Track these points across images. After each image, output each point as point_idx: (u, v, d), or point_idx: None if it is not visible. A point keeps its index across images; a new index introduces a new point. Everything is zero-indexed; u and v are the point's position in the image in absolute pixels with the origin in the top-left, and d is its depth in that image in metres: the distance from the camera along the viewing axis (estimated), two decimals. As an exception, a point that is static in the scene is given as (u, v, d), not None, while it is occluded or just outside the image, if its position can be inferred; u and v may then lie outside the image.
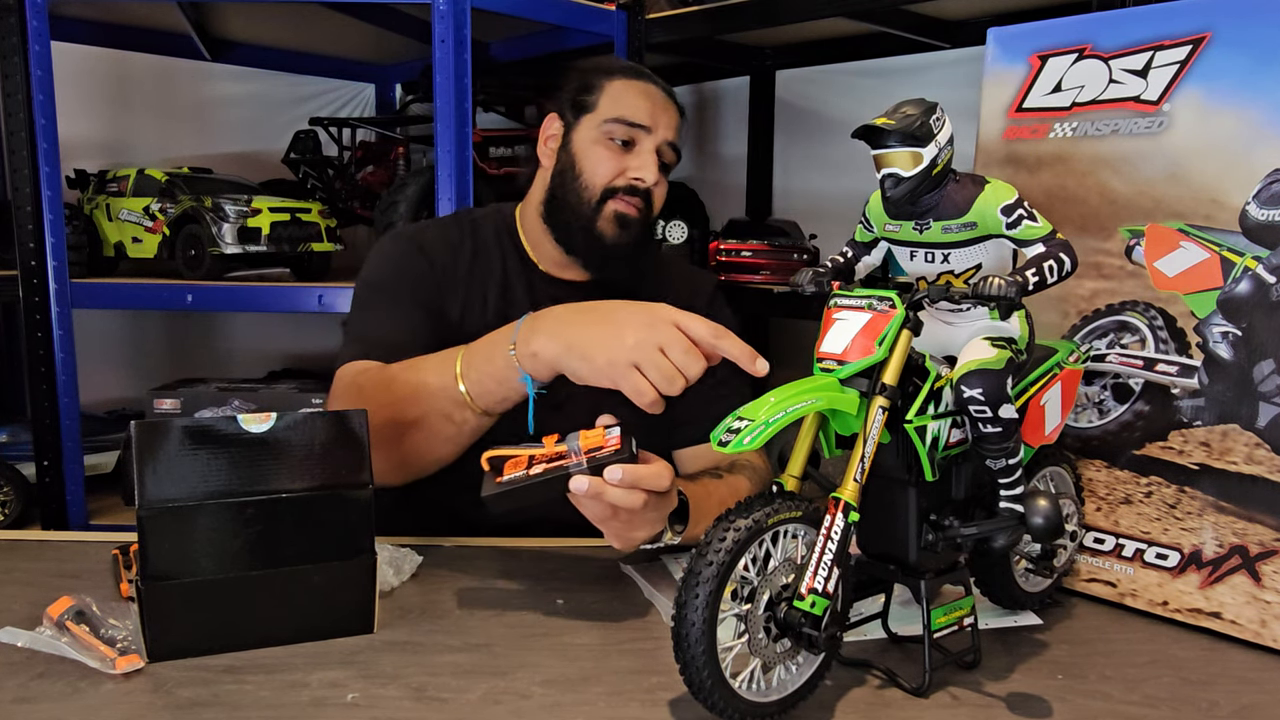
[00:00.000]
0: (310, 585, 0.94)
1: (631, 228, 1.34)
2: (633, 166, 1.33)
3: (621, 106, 1.34)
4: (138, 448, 0.88)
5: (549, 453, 0.95)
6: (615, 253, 1.35)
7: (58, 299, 1.91)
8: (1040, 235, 0.83)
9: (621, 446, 0.93)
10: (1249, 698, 0.87)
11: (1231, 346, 1.00)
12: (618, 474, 0.91)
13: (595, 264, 1.37)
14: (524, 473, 0.94)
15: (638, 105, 1.34)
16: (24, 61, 1.85)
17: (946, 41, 2.11)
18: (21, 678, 0.86)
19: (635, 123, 1.33)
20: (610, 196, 1.33)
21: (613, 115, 1.33)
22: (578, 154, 1.35)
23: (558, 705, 0.83)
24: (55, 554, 1.17)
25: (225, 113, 2.74)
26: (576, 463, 0.93)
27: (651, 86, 1.37)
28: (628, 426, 0.97)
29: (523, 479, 0.93)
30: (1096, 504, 1.09)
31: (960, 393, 0.84)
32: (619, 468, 0.91)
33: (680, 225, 2.19)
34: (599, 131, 1.34)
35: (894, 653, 0.94)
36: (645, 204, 1.35)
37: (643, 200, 1.34)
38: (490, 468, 0.97)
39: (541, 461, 0.95)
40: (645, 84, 1.37)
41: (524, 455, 0.97)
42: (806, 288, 0.89)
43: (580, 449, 0.94)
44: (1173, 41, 1.04)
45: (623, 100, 1.34)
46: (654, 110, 1.34)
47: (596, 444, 0.94)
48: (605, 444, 0.94)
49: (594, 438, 0.95)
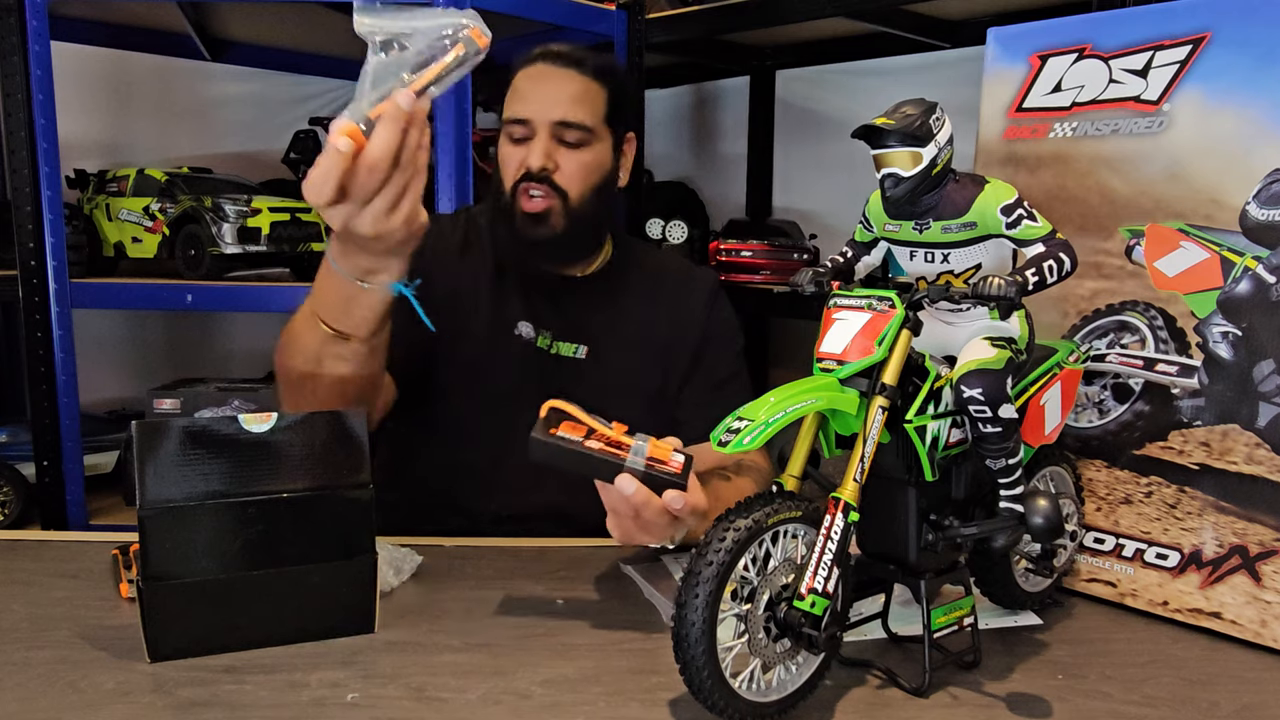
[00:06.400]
0: (310, 585, 0.94)
1: (545, 219, 1.33)
2: (527, 155, 1.32)
3: (513, 103, 1.34)
4: (138, 448, 0.88)
5: (610, 436, 0.95)
6: (538, 247, 1.34)
7: (57, 299, 1.90)
8: (1040, 235, 0.83)
9: (681, 473, 0.94)
10: (1249, 698, 0.87)
11: (1231, 346, 1.00)
12: (679, 503, 0.92)
13: (520, 260, 1.38)
14: (581, 439, 0.93)
15: (527, 95, 1.33)
16: (24, 61, 1.85)
17: (946, 41, 2.11)
18: (21, 677, 0.86)
19: (521, 118, 1.33)
20: (517, 193, 1.33)
21: (508, 115, 1.34)
22: (498, 159, 1.37)
23: (558, 705, 0.83)
24: (55, 554, 1.17)
25: (225, 113, 2.74)
26: (634, 461, 0.93)
27: (543, 65, 1.34)
28: (690, 459, 0.97)
29: (578, 445, 0.92)
30: (1096, 504, 1.09)
31: (960, 393, 0.84)
32: (680, 497, 0.92)
33: (680, 225, 2.19)
34: (505, 133, 1.35)
35: (894, 653, 0.94)
36: (554, 190, 1.32)
37: (549, 187, 1.32)
38: (547, 416, 0.95)
39: (600, 440, 0.94)
40: (537, 65, 1.35)
41: (584, 425, 0.95)
42: (806, 288, 0.89)
43: (645, 453, 0.94)
44: (1173, 41, 1.04)
45: (516, 95, 1.34)
46: (541, 92, 1.32)
47: (661, 457, 0.95)
48: (669, 463, 0.94)
49: (662, 450, 0.95)
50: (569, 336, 1.40)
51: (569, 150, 1.33)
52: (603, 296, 1.43)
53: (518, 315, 1.40)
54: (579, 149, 1.34)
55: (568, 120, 1.32)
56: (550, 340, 1.40)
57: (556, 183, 1.33)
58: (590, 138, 1.34)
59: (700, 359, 1.43)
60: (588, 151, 1.35)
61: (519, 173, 1.33)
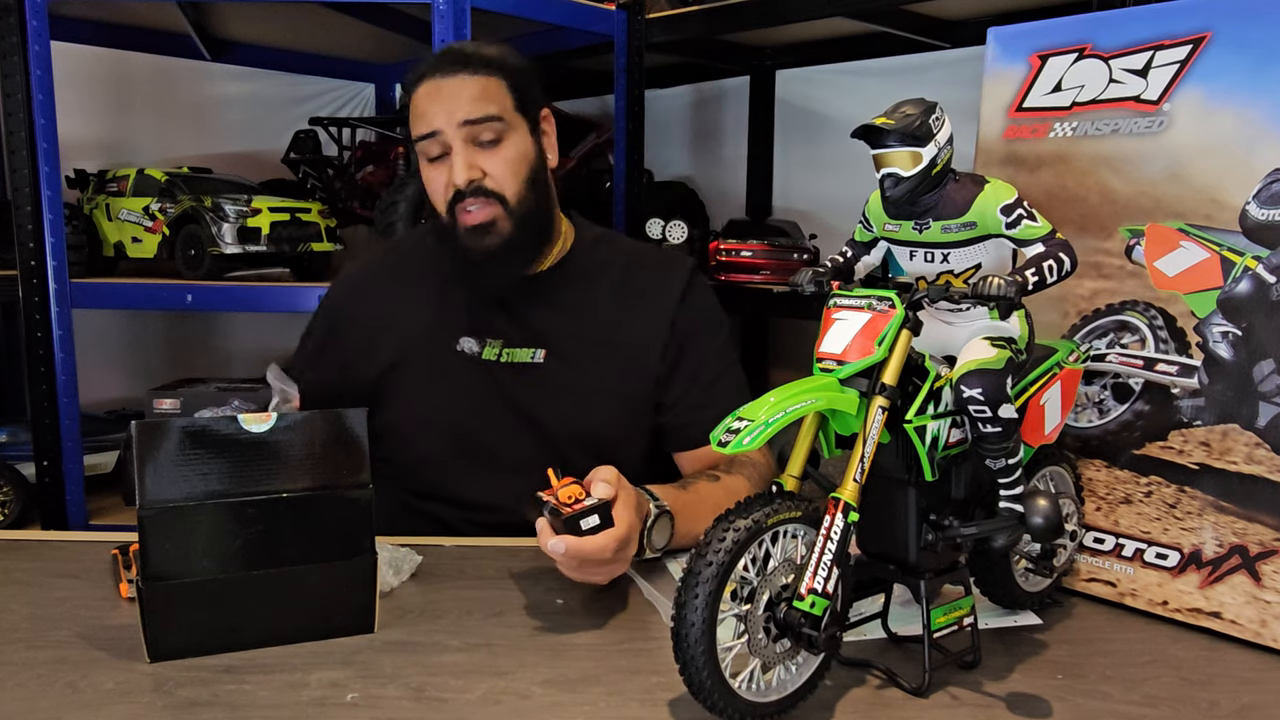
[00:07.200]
0: (310, 585, 0.94)
1: (490, 230, 1.27)
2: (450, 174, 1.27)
3: (417, 122, 1.28)
4: (138, 448, 0.88)
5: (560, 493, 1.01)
6: (492, 257, 1.29)
7: (57, 299, 1.90)
8: (1040, 235, 0.83)
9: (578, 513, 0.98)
10: (1249, 697, 0.87)
11: (1231, 346, 1.00)
12: (560, 547, 0.97)
13: (478, 276, 1.32)
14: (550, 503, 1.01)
15: (425, 112, 1.27)
16: (24, 61, 1.85)
17: (946, 41, 2.11)
18: (21, 677, 0.86)
19: (423, 135, 1.27)
20: (454, 212, 1.28)
21: (416, 135, 1.29)
22: (424, 183, 1.32)
23: (558, 705, 0.83)
24: (55, 554, 1.17)
25: (225, 113, 2.74)
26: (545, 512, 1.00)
27: (435, 79, 1.28)
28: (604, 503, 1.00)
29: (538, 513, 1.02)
30: (1096, 504, 1.09)
31: (960, 392, 0.84)
32: (561, 541, 0.97)
33: (680, 225, 2.19)
34: (421, 155, 1.30)
35: (894, 653, 0.94)
36: (490, 196, 1.27)
37: (485, 196, 1.27)
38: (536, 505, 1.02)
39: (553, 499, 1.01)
40: (429, 82, 1.28)
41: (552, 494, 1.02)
42: (806, 288, 0.89)
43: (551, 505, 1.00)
44: (1173, 41, 1.04)
45: (416, 115, 1.29)
46: (440, 104, 1.26)
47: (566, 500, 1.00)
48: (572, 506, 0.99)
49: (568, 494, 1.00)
50: (523, 341, 1.34)
51: (488, 151, 1.27)
52: (561, 293, 1.36)
53: (460, 331, 1.35)
54: (498, 145, 1.27)
55: (474, 117, 1.25)
56: (499, 349, 1.34)
57: (489, 189, 1.27)
58: (504, 129, 1.27)
59: (681, 357, 1.35)
60: (508, 145, 1.28)
61: (449, 192, 1.28)
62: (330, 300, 1.47)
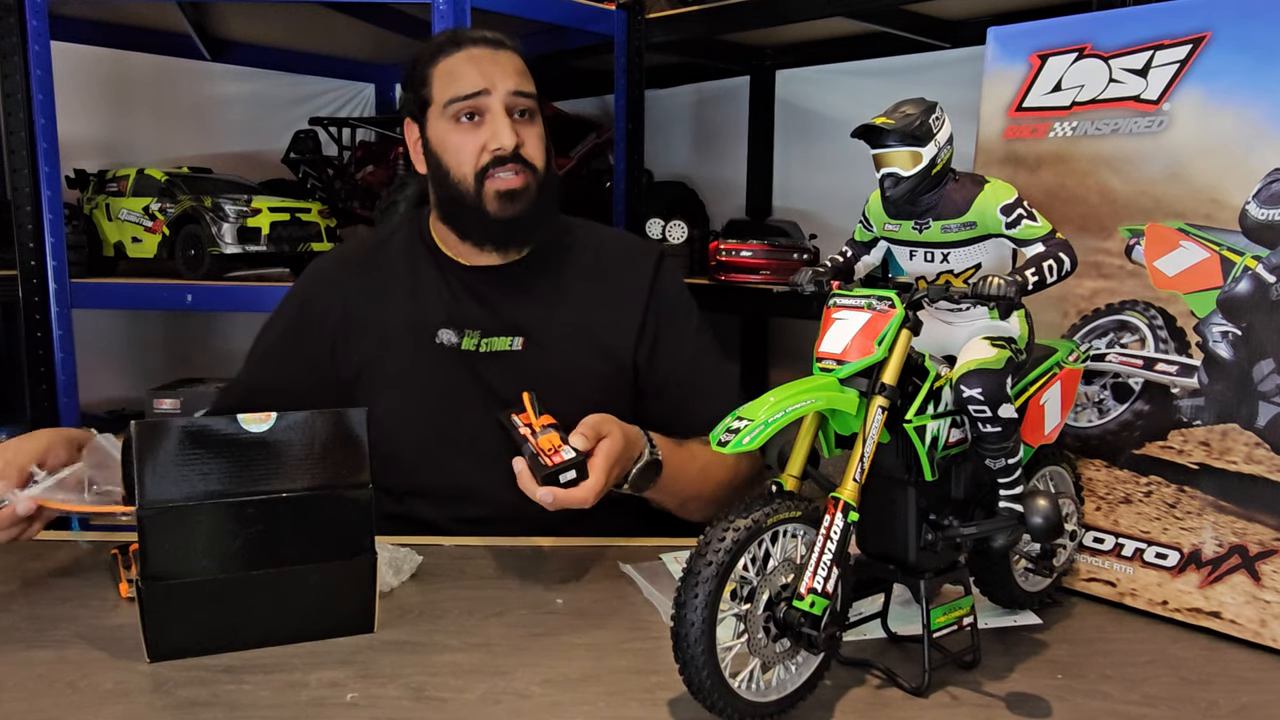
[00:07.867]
0: (310, 585, 0.94)
1: (520, 197, 1.29)
2: (489, 138, 1.28)
3: (451, 84, 1.30)
4: (138, 448, 0.88)
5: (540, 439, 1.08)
6: (514, 227, 1.31)
7: (57, 299, 1.91)
8: (1040, 235, 0.83)
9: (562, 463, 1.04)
10: (1249, 697, 0.87)
11: (1231, 346, 1.00)
12: (549, 498, 1.03)
13: (499, 244, 1.34)
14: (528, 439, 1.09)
15: (466, 74, 1.29)
16: (24, 61, 1.85)
17: (946, 41, 2.11)
18: (21, 677, 0.86)
19: (469, 94, 1.28)
20: (485, 177, 1.29)
21: (448, 97, 1.29)
22: (438, 149, 1.32)
23: (558, 705, 0.83)
24: (55, 554, 1.17)
25: (225, 113, 2.74)
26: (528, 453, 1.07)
27: (474, 48, 1.31)
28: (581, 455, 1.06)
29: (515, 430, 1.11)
30: (1096, 504, 1.09)
31: (960, 392, 0.84)
32: (550, 492, 1.03)
33: (680, 225, 2.19)
34: (445, 119, 1.30)
35: (894, 652, 0.94)
36: (524, 166, 1.29)
37: (520, 164, 1.29)
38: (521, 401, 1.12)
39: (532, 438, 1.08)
40: (467, 50, 1.32)
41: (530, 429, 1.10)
42: (806, 287, 0.89)
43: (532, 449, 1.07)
44: (1173, 41, 1.04)
45: (451, 77, 1.30)
46: (485, 70, 1.29)
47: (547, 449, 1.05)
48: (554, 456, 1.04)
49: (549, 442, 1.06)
50: (501, 330, 1.35)
51: (523, 124, 1.30)
52: (536, 280, 1.38)
53: (439, 323, 1.35)
54: (532, 122, 1.31)
55: (521, 90, 1.30)
56: (478, 339, 1.34)
57: (525, 157, 1.29)
58: (535, 109, 1.33)
59: (659, 341, 1.38)
60: (539, 124, 1.32)
61: (483, 157, 1.29)
62: (300, 294, 1.45)
